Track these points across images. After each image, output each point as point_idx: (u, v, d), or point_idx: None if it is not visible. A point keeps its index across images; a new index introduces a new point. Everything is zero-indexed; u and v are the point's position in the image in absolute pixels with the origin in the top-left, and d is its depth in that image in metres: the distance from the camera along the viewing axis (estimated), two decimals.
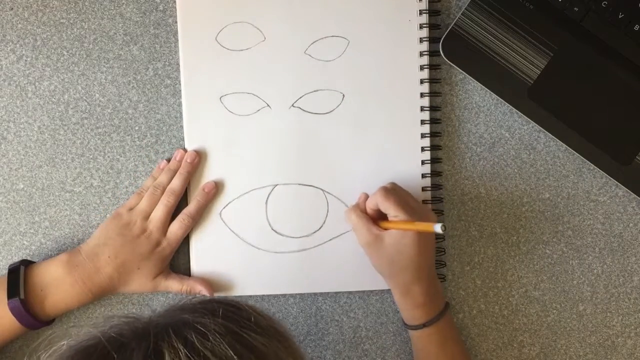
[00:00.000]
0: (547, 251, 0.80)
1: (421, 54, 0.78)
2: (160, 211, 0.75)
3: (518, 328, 0.80)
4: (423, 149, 0.78)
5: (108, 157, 0.79)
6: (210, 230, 0.78)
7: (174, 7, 0.78)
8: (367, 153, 0.78)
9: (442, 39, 0.78)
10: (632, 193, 0.78)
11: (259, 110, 0.78)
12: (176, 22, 0.78)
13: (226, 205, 0.78)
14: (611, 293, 0.80)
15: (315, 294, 0.80)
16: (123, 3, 0.78)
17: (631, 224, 0.80)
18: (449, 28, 0.78)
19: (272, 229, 0.78)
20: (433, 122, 0.79)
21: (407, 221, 0.70)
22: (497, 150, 0.80)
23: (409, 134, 0.78)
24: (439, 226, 0.63)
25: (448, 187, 0.80)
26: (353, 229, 0.75)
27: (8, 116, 0.78)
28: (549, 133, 0.78)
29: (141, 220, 0.75)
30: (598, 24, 0.77)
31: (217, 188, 0.78)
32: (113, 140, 0.79)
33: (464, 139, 0.80)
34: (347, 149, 0.78)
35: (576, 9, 0.76)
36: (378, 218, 0.73)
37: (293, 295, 0.80)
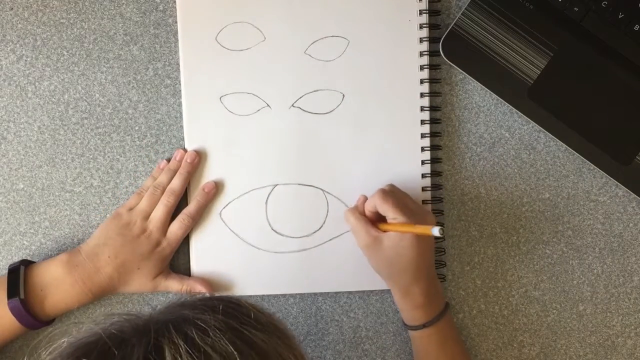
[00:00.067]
0: (547, 251, 0.80)
1: (421, 54, 0.78)
2: (160, 211, 0.75)
3: (518, 328, 0.80)
4: (423, 149, 0.78)
5: (108, 157, 0.79)
6: (210, 230, 0.78)
7: (174, 7, 0.78)
8: (367, 153, 0.78)
9: (442, 39, 0.78)
10: (632, 193, 0.78)
11: (259, 110, 0.78)
12: (176, 22, 0.78)
13: (226, 205, 0.78)
14: (611, 293, 0.80)
15: (315, 294, 0.80)
16: (123, 3, 0.78)
17: (631, 224, 0.80)
18: (449, 28, 0.78)
19: (272, 229, 0.78)
20: (433, 122, 0.79)
21: (406, 224, 0.70)
22: (497, 150, 0.80)
23: (409, 134, 0.78)
24: (437, 229, 0.63)
25: (448, 187, 0.80)
26: (352, 231, 0.75)
27: (8, 116, 0.78)
28: (549, 133, 0.78)
29: (141, 220, 0.75)
30: (598, 24, 0.77)
31: (217, 188, 0.78)
32: (113, 140, 0.79)
33: (464, 139, 0.80)
34: (347, 149, 0.78)
35: (576, 9, 0.76)
36: (377, 220, 0.73)
37: (293, 295, 0.80)
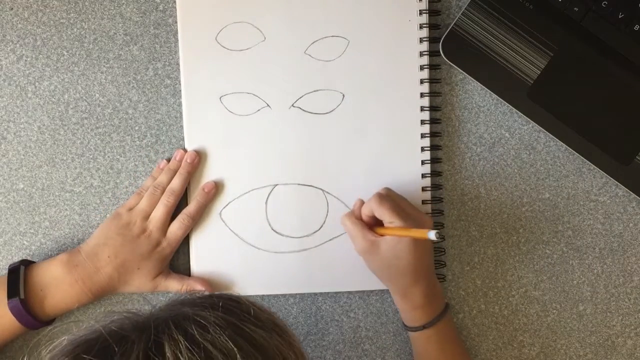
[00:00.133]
0: (547, 251, 0.80)
1: (421, 54, 0.78)
2: (160, 211, 0.75)
3: (518, 328, 0.80)
4: (423, 149, 0.78)
5: (108, 157, 0.79)
6: (210, 230, 0.78)
7: (174, 7, 0.78)
8: (367, 153, 0.78)
9: (442, 39, 0.78)
10: (632, 193, 0.78)
11: (259, 110, 0.78)
12: (176, 22, 0.78)
13: (226, 205, 0.78)
14: (611, 293, 0.80)
15: (315, 294, 0.80)
16: (123, 3, 0.78)
17: (631, 224, 0.80)
18: (449, 28, 0.78)
19: (272, 229, 0.78)
20: (433, 122, 0.79)
21: (402, 227, 0.69)
22: (497, 150, 0.80)
23: (409, 134, 0.78)
24: (433, 233, 0.63)
25: (448, 187, 0.80)
26: (349, 236, 0.74)
27: (8, 116, 0.78)
28: (549, 133, 0.78)
29: (141, 220, 0.75)
30: (598, 24, 0.76)
31: (217, 188, 0.78)
32: (113, 140, 0.79)
33: (464, 139, 0.80)
34: (347, 149, 0.78)
35: (576, 9, 0.76)
36: (374, 224, 0.73)
37: (293, 295, 0.80)
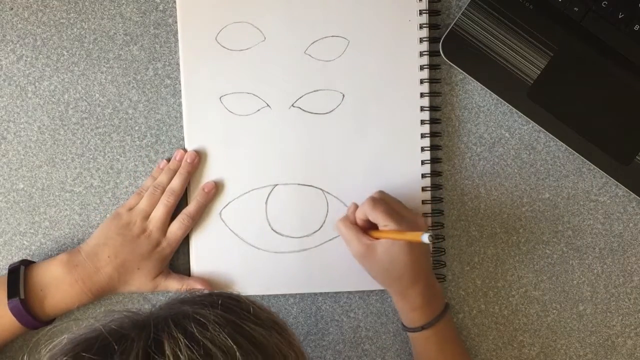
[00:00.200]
0: (547, 251, 0.80)
1: (421, 54, 0.78)
2: (160, 211, 0.75)
3: (518, 328, 0.80)
4: (423, 149, 0.78)
5: (108, 157, 0.79)
6: (210, 230, 0.78)
7: (174, 7, 0.78)
8: (367, 153, 0.78)
9: (442, 39, 0.78)
10: (632, 193, 0.78)
11: (259, 110, 0.78)
12: (176, 22, 0.78)
13: (226, 205, 0.78)
14: (611, 293, 0.80)
15: (315, 294, 0.80)
16: (123, 3, 0.78)
17: (631, 224, 0.80)
18: (449, 28, 0.78)
19: (272, 229, 0.78)
20: (433, 122, 0.79)
21: (396, 231, 0.69)
22: (497, 150, 0.80)
23: (409, 134, 0.78)
24: (426, 236, 0.63)
25: (448, 187, 0.80)
26: (344, 241, 0.74)
27: (8, 116, 0.78)
28: (549, 133, 0.78)
29: (141, 220, 0.75)
30: (598, 24, 0.76)
31: (217, 188, 0.78)
32: (113, 140, 0.79)
33: (464, 139, 0.80)
34: (347, 149, 0.78)
35: (576, 9, 0.76)
36: (369, 228, 0.73)
37: (293, 295, 0.80)
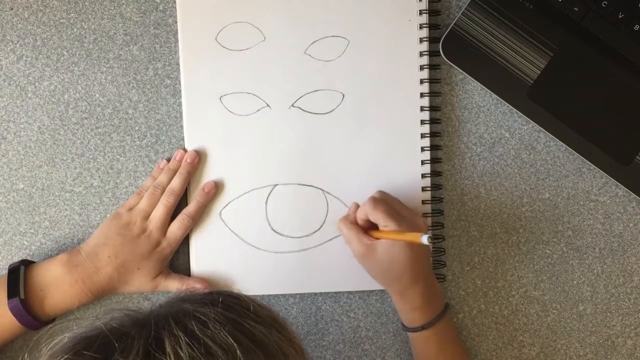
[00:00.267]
0: (547, 251, 0.80)
1: (421, 54, 0.78)
2: (160, 211, 0.75)
3: (518, 328, 0.80)
4: (423, 149, 0.78)
5: (108, 157, 0.79)
6: (210, 230, 0.78)
7: (174, 7, 0.78)
8: (367, 153, 0.78)
9: (442, 39, 0.78)
10: (632, 193, 0.78)
11: (259, 110, 0.78)
12: (176, 22, 0.78)
13: (226, 205, 0.78)
14: (611, 293, 0.80)
15: (315, 294, 0.80)
16: (123, 3, 0.78)
17: (631, 224, 0.80)
18: (449, 28, 0.78)
19: (272, 229, 0.78)
20: (433, 122, 0.79)
21: (396, 231, 0.69)
22: (497, 150, 0.80)
23: (409, 134, 0.78)
24: (425, 237, 0.64)
25: (448, 187, 0.80)
26: (345, 241, 0.74)
27: (8, 116, 0.78)
28: (549, 133, 0.78)
29: (141, 220, 0.75)
30: (598, 24, 0.76)
31: (217, 188, 0.78)
32: (113, 140, 0.79)
33: (464, 139, 0.80)
34: (347, 149, 0.78)
35: (576, 9, 0.76)
36: (370, 228, 0.73)
37: (293, 295, 0.80)
